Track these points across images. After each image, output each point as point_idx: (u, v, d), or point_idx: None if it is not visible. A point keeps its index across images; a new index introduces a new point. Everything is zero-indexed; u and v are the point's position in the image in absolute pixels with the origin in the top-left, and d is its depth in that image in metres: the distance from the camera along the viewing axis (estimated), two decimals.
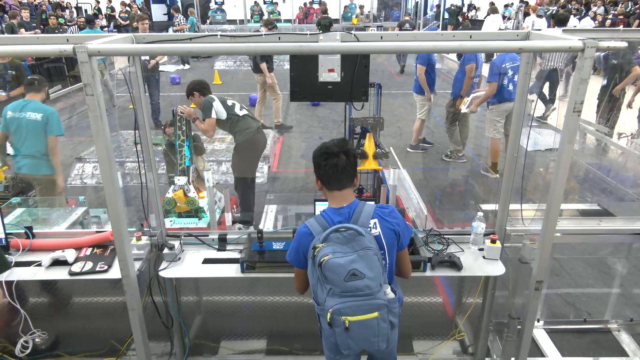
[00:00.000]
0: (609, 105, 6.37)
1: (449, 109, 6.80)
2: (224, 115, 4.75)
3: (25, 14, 12.39)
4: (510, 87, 6.03)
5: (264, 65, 8.11)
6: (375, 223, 2.11)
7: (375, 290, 1.94)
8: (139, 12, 16.49)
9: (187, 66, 14.42)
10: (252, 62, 8.54)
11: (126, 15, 16.79)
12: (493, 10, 15.79)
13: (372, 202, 2.19)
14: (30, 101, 4.32)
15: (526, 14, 16.04)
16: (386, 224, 2.13)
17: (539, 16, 14.67)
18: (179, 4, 20.44)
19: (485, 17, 16.64)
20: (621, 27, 8.88)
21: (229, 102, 4.88)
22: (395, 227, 2.14)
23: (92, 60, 2.00)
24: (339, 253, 1.92)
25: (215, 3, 19.94)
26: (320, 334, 2.29)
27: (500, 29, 14.46)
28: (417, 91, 7.08)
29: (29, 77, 4.54)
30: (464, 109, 6.48)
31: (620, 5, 15.50)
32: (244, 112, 4.92)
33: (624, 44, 1.96)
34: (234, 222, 4.40)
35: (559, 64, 8.52)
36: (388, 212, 2.16)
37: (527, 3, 18.00)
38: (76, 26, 12.21)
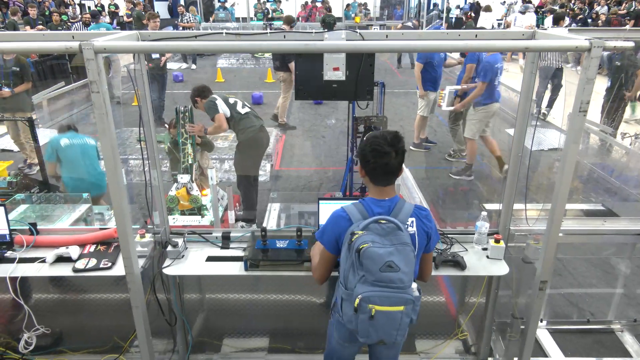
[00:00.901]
0: (614, 105, 6.35)
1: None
2: (227, 113, 4.78)
3: (32, 12, 12.40)
4: (498, 88, 6.06)
5: (292, 65, 8.12)
6: (412, 222, 2.14)
7: (407, 285, 1.98)
8: (143, 9, 16.47)
9: (193, 66, 13.99)
10: (277, 60, 8.46)
11: (130, 12, 16.77)
12: (486, 8, 16.15)
13: (410, 202, 2.20)
14: (77, 134, 4.62)
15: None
16: (422, 225, 2.16)
17: (521, 12, 15.06)
18: (183, 2, 20.48)
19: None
20: (627, 26, 8.86)
21: (231, 100, 4.88)
22: (428, 229, 2.18)
23: (98, 58, 2.01)
24: (378, 243, 1.96)
25: (219, 1, 19.92)
26: (330, 319, 2.33)
27: (492, 27, 14.64)
28: (425, 88, 7.03)
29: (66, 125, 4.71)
30: (443, 106, 6.45)
31: (624, 4, 15.44)
32: (246, 109, 4.92)
33: (631, 44, 1.95)
34: (237, 220, 4.40)
35: (557, 63, 8.51)
36: (425, 215, 2.19)
37: (530, 2, 17.97)
38: (81, 23, 12.20)
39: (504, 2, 19.88)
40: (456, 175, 6.56)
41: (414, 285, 2.05)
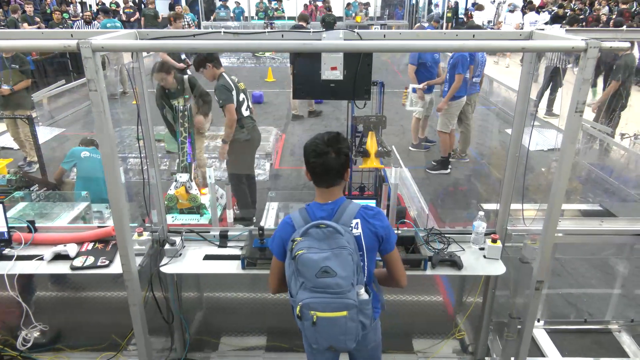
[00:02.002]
0: (612, 105, 6.35)
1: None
2: (234, 104, 4.65)
3: (29, 9, 12.39)
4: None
5: None
6: (357, 223, 2.09)
7: (345, 290, 1.93)
8: (149, 8, 16.41)
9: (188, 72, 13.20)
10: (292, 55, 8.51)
11: (131, 10, 16.76)
12: (478, 7, 16.58)
13: (358, 202, 2.16)
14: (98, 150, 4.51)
15: (523, 13, 16.17)
16: (368, 226, 2.10)
17: (510, 11, 15.62)
18: (183, 1, 20.46)
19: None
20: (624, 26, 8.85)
21: (241, 98, 4.75)
22: (378, 229, 2.10)
23: (95, 56, 2.01)
24: (315, 249, 1.93)
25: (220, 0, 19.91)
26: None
27: (482, 24, 15.28)
28: (412, 90, 7.02)
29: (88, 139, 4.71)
30: (407, 105, 6.46)
31: (626, 5, 15.41)
32: (248, 112, 4.85)
33: (627, 45, 1.95)
34: (235, 220, 4.40)
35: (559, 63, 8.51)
36: (372, 214, 2.12)
37: (530, 2, 17.98)
38: (82, 21, 12.20)
39: (494, 1, 19.95)
40: (432, 170, 6.61)
41: (361, 289, 1.99)
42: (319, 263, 1.90)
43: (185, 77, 5.20)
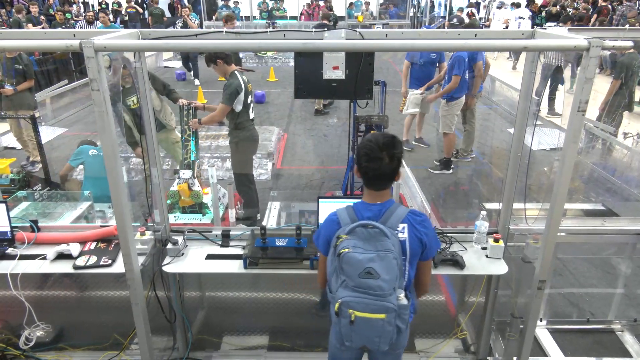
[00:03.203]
0: (614, 104, 6.33)
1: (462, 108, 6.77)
2: (237, 108, 4.61)
3: (34, 9, 12.43)
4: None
5: None
6: (404, 228, 2.07)
7: (387, 293, 1.93)
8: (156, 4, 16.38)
9: (197, 81, 11.54)
10: None
11: (134, 10, 16.80)
12: (470, 5, 17.21)
13: (406, 207, 2.16)
14: None
15: (532, 12, 16.25)
16: (415, 231, 2.08)
17: (498, 8, 16.57)
18: (185, 1, 20.46)
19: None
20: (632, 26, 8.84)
21: (249, 100, 4.71)
22: (423, 236, 2.09)
23: (98, 56, 2.02)
24: (360, 249, 1.92)
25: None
26: (330, 322, 2.30)
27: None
28: (410, 87, 6.94)
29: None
30: (404, 110, 6.46)
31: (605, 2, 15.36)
32: (253, 115, 4.83)
33: (630, 43, 1.95)
34: (237, 219, 4.40)
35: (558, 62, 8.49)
36: (420, 220, 2.11)
37: (533, 1, 17.99)
38: (84, 21, 12.22)
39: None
40: (435, 170, 6.60)
41: (401, 293, 2.00)
42: (363, 263, 1.90)
43: None
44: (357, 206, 2.11)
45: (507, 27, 15.71)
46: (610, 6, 14.46)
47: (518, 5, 16.37)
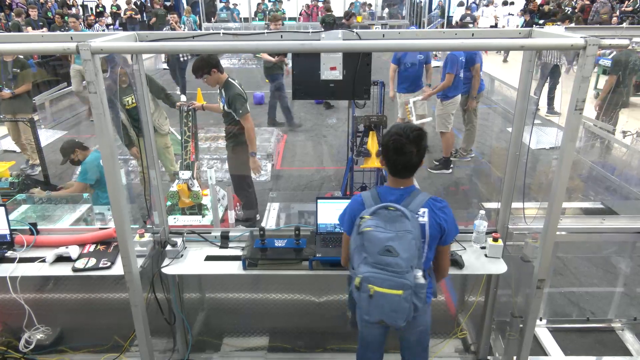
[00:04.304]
0: (612, 102, 6.34)
1: (462, 107, 6.77)
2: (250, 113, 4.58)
3: (33, 13, 12.44)
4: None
5: None
6: (424, 212, 2.20)
7: (404, 270, 2.04)
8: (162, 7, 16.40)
9: (183, 97, 10.22)
10: None
11: (133, 12, 16.82)
12: (460, 3, 18.06)
13: (427, 193, 2.26)
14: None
15: (531, 12, 16.38)
16: (434, 216, 2.21)
17: (486, 5, 17.62)
18: (184, 2, 20.48)
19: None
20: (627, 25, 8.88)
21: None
22: (442, 222, 2.21)
23: (95, 58, 2.02)
24: (381, 228, 2.06)
25: (221, 1, 19.94)
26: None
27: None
28: (398, 90, 6.88)
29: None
30: (413, 120, 6.36)
31: (626, 2, 15.43)
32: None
33: (626, 42, 1.95)
34: (237, 220, 4.39)
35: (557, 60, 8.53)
36: (440, 207, 2.23)
37: (533, 0, 18.04)
38: (83, 24, 12.24)
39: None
40: (434, 169, 6.61)
41: (419, 272, 2.10)
42: (383, 242, 2.04)
43: None
44: (382, 190, 2.26)
45: (496, 24, 16.51)
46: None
47: (505, 3, 17.51)
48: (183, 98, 10.63)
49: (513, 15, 17.09)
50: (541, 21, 14.19)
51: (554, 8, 15.40)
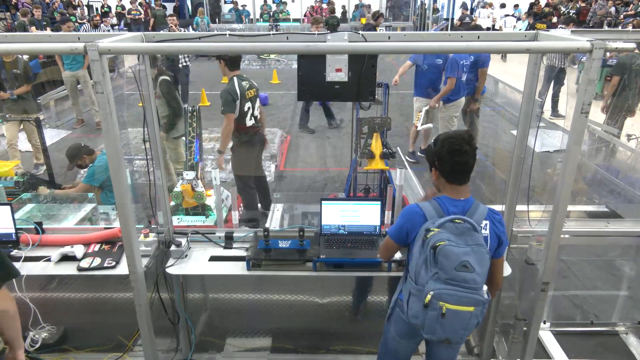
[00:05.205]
0: (617, 106, 6.32)
1: (464, 109, 6.76)
2: (235, 115, 4.59)
3: (37, 13, 12.50)
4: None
5: None
6: (486, 224, 2.16)
7: (479, 286, 2.00)
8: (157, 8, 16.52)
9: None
10: None
11: (138, 12, 16.88)
12: (463, 5, 18.55)
13: (484, 205, 2.23)
14: None
15: (535, 15, 16.42)
16: (495, 229, 2.18)
17: (483, 7, 18.30)
18: (189, 3, 20.55)
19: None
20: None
21: (246, 107, 4.62)
22: (500, 234, 2.19)
23: (102, 59, 2.03)
24: (454, 242, 1.97)
25: (225, 2, 20.01)
26: (389, 316, 2.37)
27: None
28: (415, 94, 6.81)
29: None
30: (419, 126, 6.39)
31: (631, 5, 15.41)
32: (252, 122, 4.74)
33: (632, 45, 1.95)
34: (240, 221, 4.39)
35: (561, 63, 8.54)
36: (499, 219, 2.21)
37: (538, 3, 18.05)
38: (89, 24, 12.28)
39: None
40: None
41: (485, 287, 2.07)
42: (460, 257, 1.95)
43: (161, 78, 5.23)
44: (442, 201, 2.17)
45: (493, 25, 17.06)
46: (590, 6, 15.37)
47: (503, 6, 18.38)
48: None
49: (509, 16, 17.51)
50: (526, 21, 14.41)
51: (549, 10, 15.56)
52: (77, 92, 8.69)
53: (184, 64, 9.02)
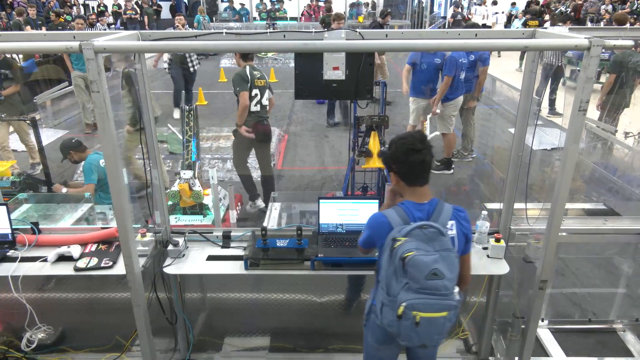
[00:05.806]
0: (615, 103, 6.32)
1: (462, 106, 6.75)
2: (247, 91, 4.88)
3: (32, 12, 12.44)
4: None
5: None
6: (452, 225, 2.14)
7: (450, 291, 1.97)
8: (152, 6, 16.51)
9: (176, 114, 9.10)
10: None
11: (133, 12, 16.84)
12: (455, 3, 18.91)
13: (448, 203, 2.19)
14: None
15: (531, 13, 16.53)
16: (461, 227, 2.16)
17: (478, 4, 18.97)
18: (186, 2, 20.50)
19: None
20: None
21: (253, 93, 4.93)
22: (466, 231, 2.18)
23: (98, 58, 2.02)
24: (422, 251, 1.94)
25: (222, 1, 19.98)
26: (365, 323, 2.36)
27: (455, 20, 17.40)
28: (411, 95, 6.71)
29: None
30: (429, 135, 6.41)
31: (627, 2, 15.44)
32: (257, 108, 4.99)
33: (631, 43, 1.95)
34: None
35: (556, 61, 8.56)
36: (464, 216, 2.19)
37: (535, 1, 18.08)
38: (85, 24, 12.20)
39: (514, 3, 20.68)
40: (436, 170, 6.59)
41: (456, 289, 2.04)
42: (429, 265, 1.92)
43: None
44: (406, 206, 2.13)
45: (485, 23, 17.40)
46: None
47: (495, 3, 18.90)
48: (176, 115, 9.35)
49: (499, 13, 17.99)
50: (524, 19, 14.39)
51: (540, 8, 15.66)
52: (84, 94, 8.28)
53: (193, 69, 8.99)
